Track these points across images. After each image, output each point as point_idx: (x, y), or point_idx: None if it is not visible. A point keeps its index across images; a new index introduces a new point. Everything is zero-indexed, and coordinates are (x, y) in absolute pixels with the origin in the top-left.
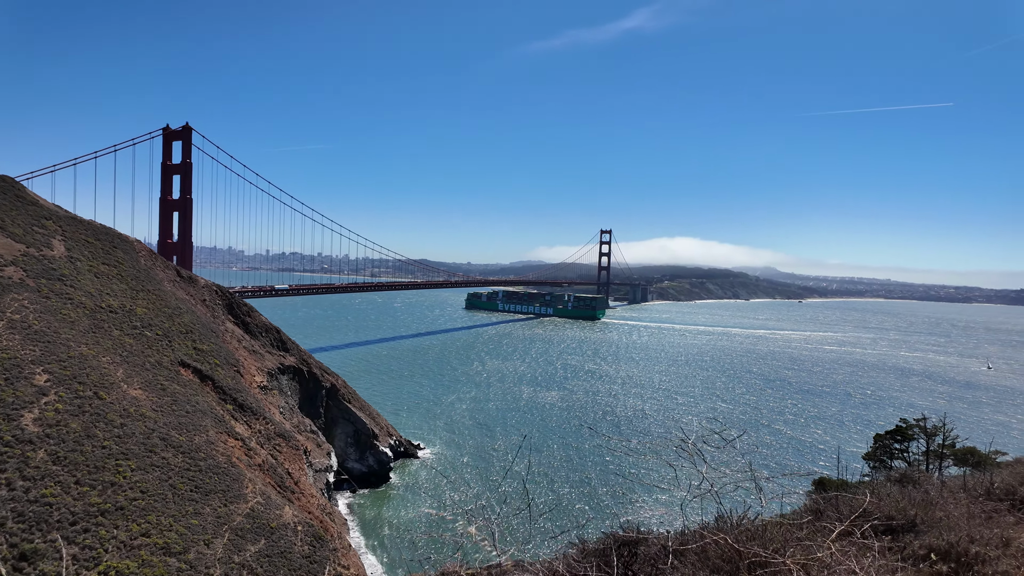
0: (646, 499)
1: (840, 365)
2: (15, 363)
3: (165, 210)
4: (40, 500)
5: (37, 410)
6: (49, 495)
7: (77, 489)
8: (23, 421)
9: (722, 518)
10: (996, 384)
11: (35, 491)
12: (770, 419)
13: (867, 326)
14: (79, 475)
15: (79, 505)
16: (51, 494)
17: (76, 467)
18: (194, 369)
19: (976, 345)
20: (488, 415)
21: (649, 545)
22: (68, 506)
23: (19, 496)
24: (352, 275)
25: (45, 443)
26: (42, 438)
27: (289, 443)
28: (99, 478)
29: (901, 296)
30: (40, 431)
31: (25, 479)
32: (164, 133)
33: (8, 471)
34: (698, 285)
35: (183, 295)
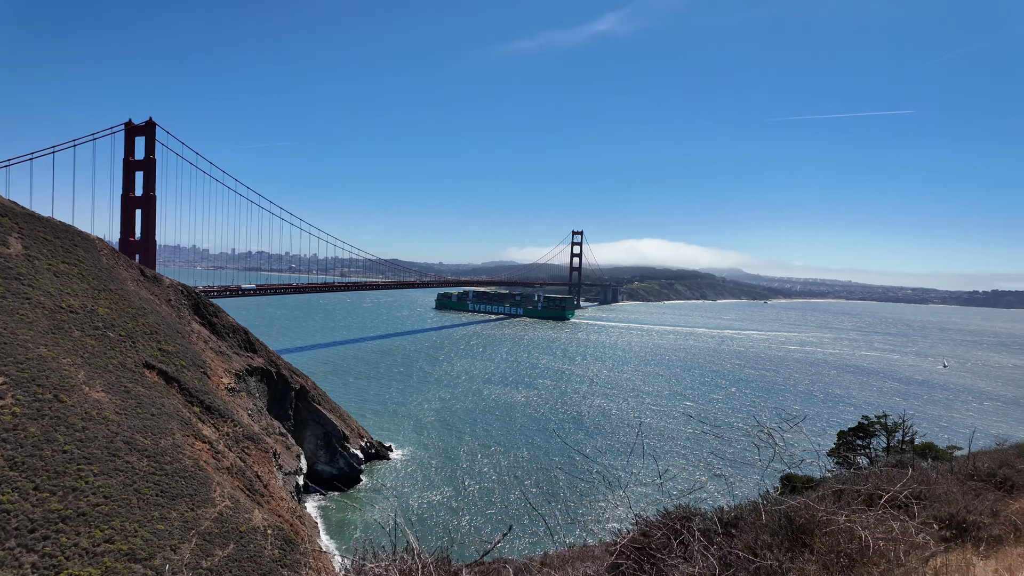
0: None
1: (803, 364)
2: None
3: (127, 207)
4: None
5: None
6: (6, 502)
7: (36, 495)
8: None
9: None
10: (951, 382)
11: None
12: (735, 417)
13: (829, 326)
14: (38, 481)
15: (38, 512)
16: (8, 501)
17: (35, 472)
18: (159, 371)
19: (931, 345)
20: (457, 415)
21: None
22: (27, 513)
23: None
24: (321, 275)
25: (2, 448)
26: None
27: (258, 446)
28: (60, 483)
29: (862, 297)
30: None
31: None
32: (126, 128)
33: None
34: (667, 286)
35: (147, 295)
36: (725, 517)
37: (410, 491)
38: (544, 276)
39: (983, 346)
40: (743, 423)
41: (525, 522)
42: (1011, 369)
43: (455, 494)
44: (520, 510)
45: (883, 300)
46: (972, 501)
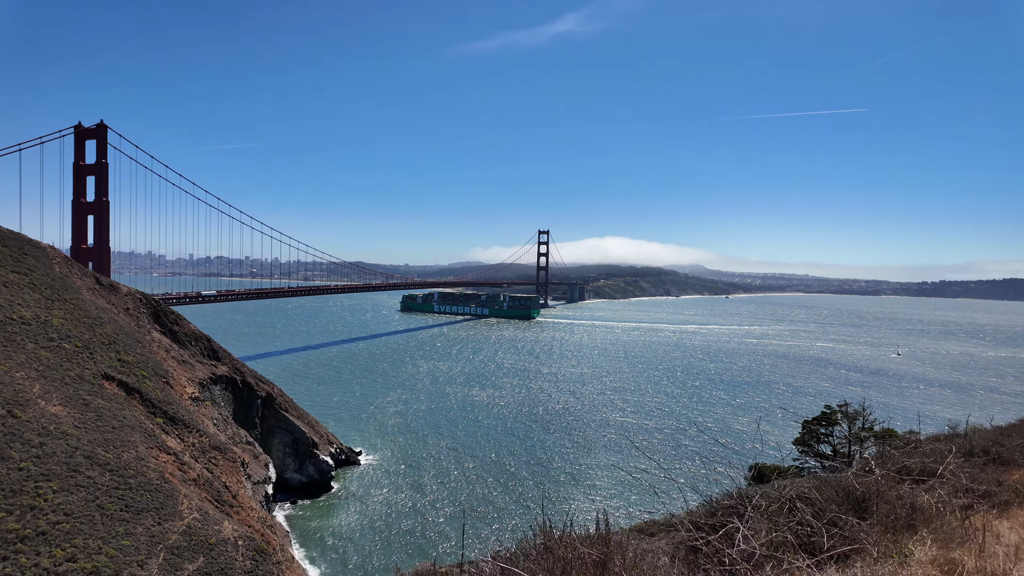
0: (583, 491)
1: (764, 357)
2: None
3: (79, 213)
4: None
5: None
6: None
7: None
8: None
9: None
10: (904, 371)
11: None
12: (700, 411)
13: (788, 319)
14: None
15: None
16: None
17: None
18: (119, 382)
19: (885, 335)
20: (423, 417)
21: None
22: None
23: None
24: (283, 279)
25: None
26: None
27: (225, 456)
28: (16, 502)
29: (818, 290)
30: None
31: None
32: (76, 131)
33: None
34: (632, 283)
35: (104, 304)
36: (784, 495)
37: (381, 496)
38: (511, 276)
39: (931, 335)
40: (707, 419)
41: (493, 518)
42: (956, 356)
43: (425, 497)
44: (488, 509)
45: (838, 292)
46: (979, 473)
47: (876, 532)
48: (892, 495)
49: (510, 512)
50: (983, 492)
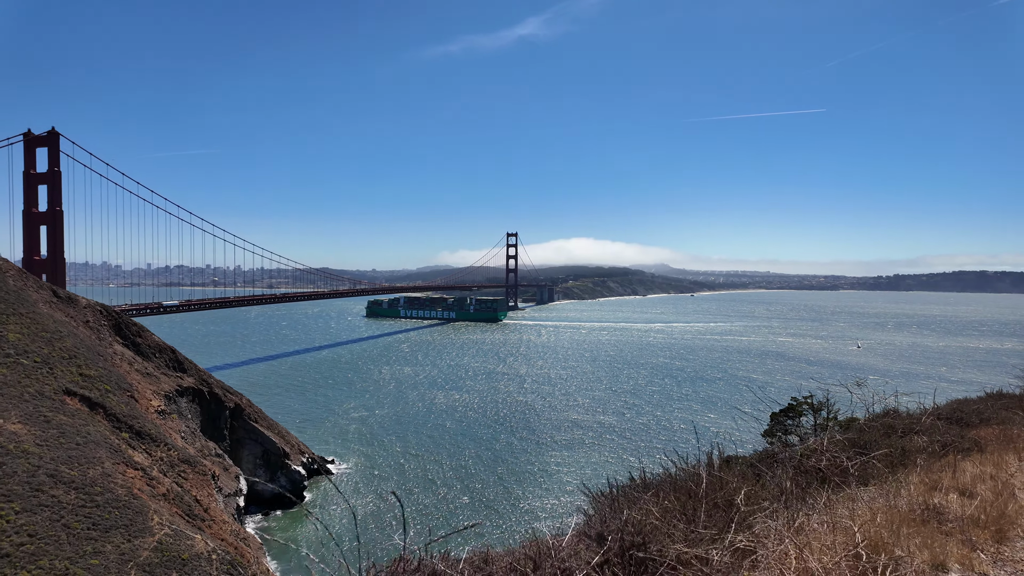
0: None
1: (729, 353)
2: None
3: (30, 224)
4: None
5: None
6: None
7: None
8: None
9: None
10: (864, 362)
11: None
12: (667, 406)
13: (752, 315)
14: None
15: None
16: None
17: None
18: (81, 397)
19: (844, 328)
20: (392, 423)
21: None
22: None
23: None
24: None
25: None
26: None
27: (195, 469)
28: None
29: (779, 286)
30: None
31: None
32: (25, 139)
33: None
34: (600, 284)
35: (62, 317)
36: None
37: (355, 504)
38: (480, 279)
39: (888, 328)
40: (674, 416)
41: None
42: (910, 347)
43: (397, 504)
44: (462, 509)
45: (799, 288)
46: (946, 431)
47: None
48: (886, 442)
49: (478, 514)
50: (951, 442)
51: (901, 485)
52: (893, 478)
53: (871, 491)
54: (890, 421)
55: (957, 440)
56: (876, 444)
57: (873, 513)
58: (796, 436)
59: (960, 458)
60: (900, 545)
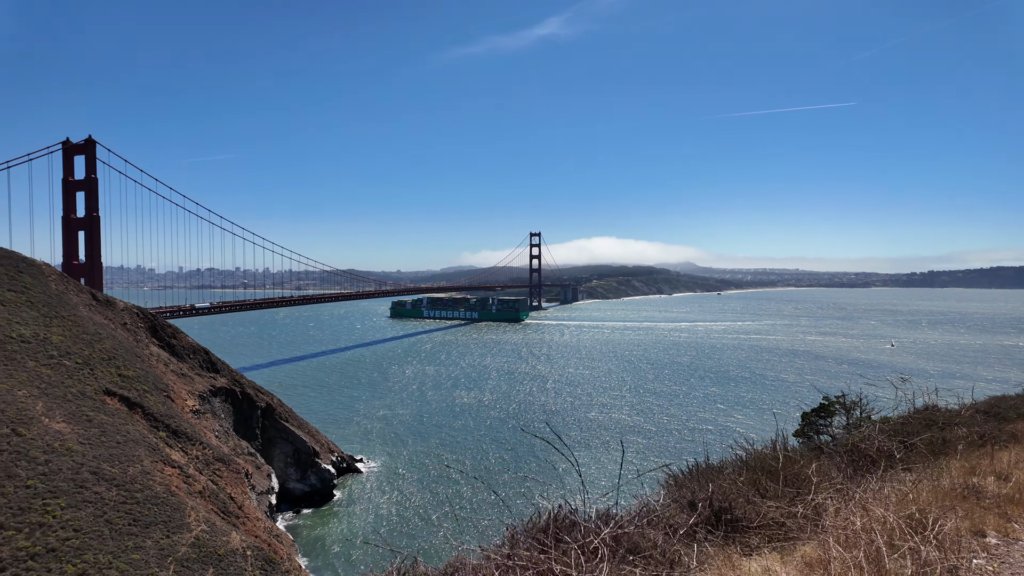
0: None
1: (758, 352)
2: None
3: (69, 229)
4: None
5: None
6: None
7: (1, 534)
8: None
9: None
10: (899, 362)
11: None
12: (697, 407)
13: (781, 314)
14: (2, 519)
15: (5, 551)
16: None
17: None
18: (121, 397)
19: (877, 326)
20: (416, 422)
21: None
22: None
23: None
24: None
25: None
26: None
27: (229, 467)
28: (26, 520)
29: (809, 284)
30: None
31: None
32: (64, 147)
33: None
34: (624, 283)
35: (101, 320)
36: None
37: (383, 502)
38: (504, 279)
39: (922, 326)
40: (704, 416)
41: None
42: (947, 346)
43: (425, 501)
44: (490, 509)
45: (829, 286)
46: (984, 424)
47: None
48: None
49: (504, 512)
50: (989, 433)
51: (943, 469)
52: (935, 463)
53: (915, 474)
54: (930, 415)
55: (995, 432)
56: (918, 434)
57: (919, 491)
58: (829, 436)
59: (997, 448)
60: (945, 515)
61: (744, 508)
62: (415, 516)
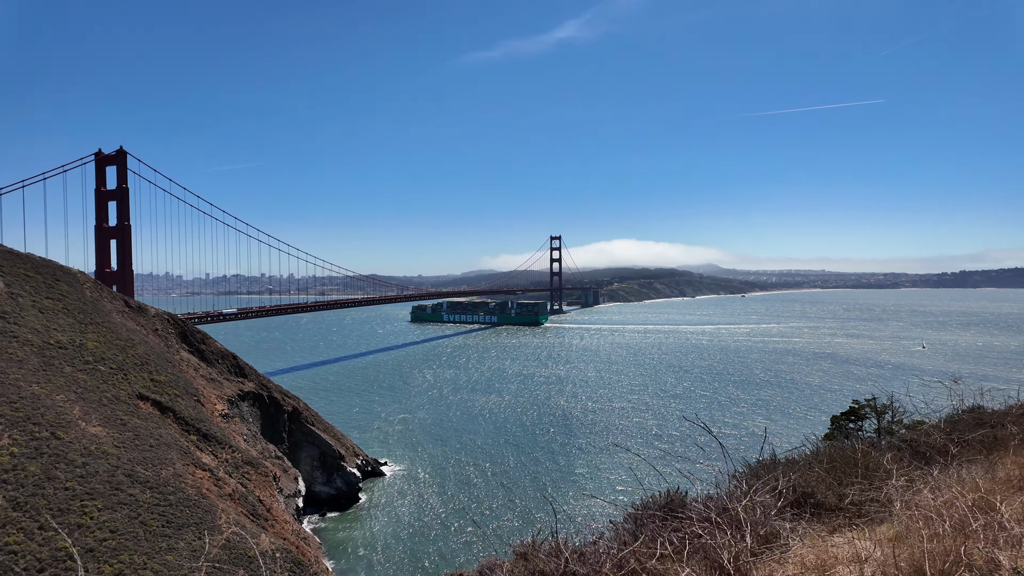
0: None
1: (784, 355)
2: None
3: (101, 238)
4: (3, 548)
5: None
6: (12, 543)
7: (42, 534)
8: None
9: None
10: (931, 364)
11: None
12: (723, 411)
13: (807, 316)
14: (43, 520)
15: (45, 551)
16: (14, 542)
17: (39, 512)
18: (153, 401)
19: (906, 327)
20: (438, 425)
21: None
22: (34, 553)
23: None
24: (299, 294)
25: (3, 489)
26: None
27: (258, 470)
28: (65, 521)
29: (836, 285)
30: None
31: None
32: (97, 158)
33: None
34: (646, 285)
35: (134, 326)
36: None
37: (408, 506)
38: (525, 283)
39: (952, 327)
40: (729, 419)
41: (516, 524)
42: (981, 348)
43: (450, 505)
44: (513, 514)
45: (856, 287)
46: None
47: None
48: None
49: (528, 517)
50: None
51: (996, 464)
52: (988, 459)
53: (971, 469)
54: (979, 415)
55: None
56: (971, 432)
57: (976, 482)
58: (860, 441)
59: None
60: (1011, 499)
61: (824, 493)
62: (440, 520)
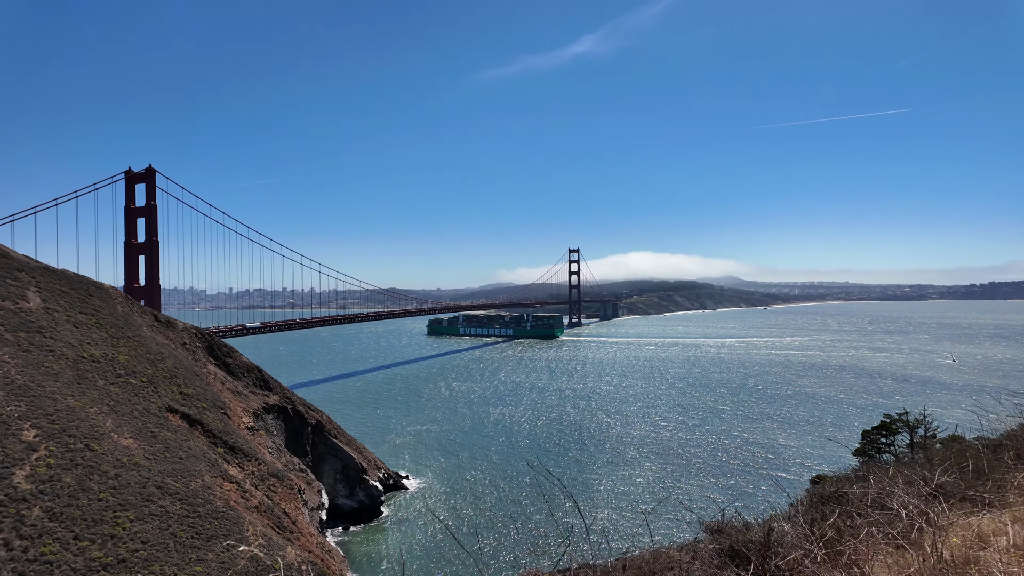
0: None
1: (809, 369)
2: (1, 420)
3: (130, 254)
4: (40, 559)
5: (28, 467)
6: (48, 553)
7: (76, 544)
8: (15, 479)
9: None
10: (962, 380)
11: (33, 550)
12: (749, 427)
13: (831, 329)
14: (77, 530)
15: (80, 561)
16: (50, 551)
17: (73, 522)
18: (182, 414)
19: (934, 339)
20: (457, 439)
21: None
22: (69, 563)
23: (18, 556)
24: (320, 308)
25: (39, 500)
26: (36, 495)
27: (283, 483)
28: (98, 531)
29: (860, 297)
30: (33, 488)
31: (22, 538)
32: (126, 176)
33: (4, 531)
34: (666, 298)
35: (163, 340)
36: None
37: (430, 520)
38: (543, 296)
39: (980, 340)
40: (754, 436)
41: (550, 541)
42: (1012, 362)
43: (472, 519)
44: (539, 530)
45: (881, 299)
46: None
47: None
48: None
49: (549, 531)
50: None
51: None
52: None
53: None
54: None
55: None
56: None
57: None
58: (891, 455)
59: None
60: None
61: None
62: (464, 535)
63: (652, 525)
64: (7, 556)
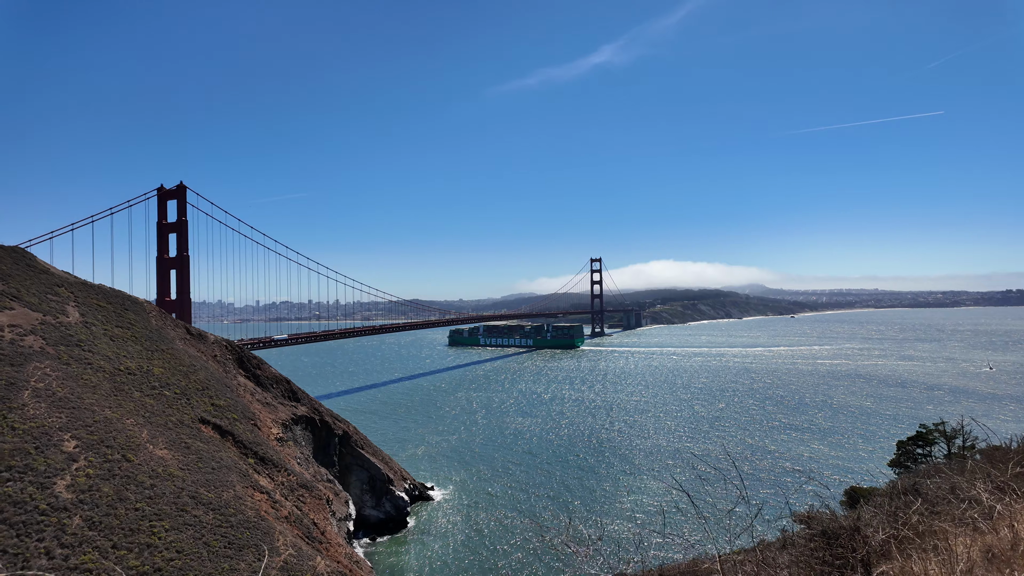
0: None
1: (840, 378)
2: (43, 431)
3: (162, 268)
4: (80, 567)
5: (69, 476)
6: (88, 561)
7: (115, 553)
8: (56, 488)
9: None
10: (1001, 390)
11: (74, 558)
12: (780, 438)
13: (861, 337)
14: (115, 539)
15: (118, 569)
16: (90, 560)
17: (112, 531)
18: (214, 425)
19: (970, 347)
20: (480, 449)
21: None
22: (108, 571)
23: (59, 564)
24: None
25: (80, 509)
26: (76, 504)
27: (312, 493)
28: (135, 540)
29: (890, 304)
30: (74, 497)
31: (63, 546)
32: (159, 193)
33: (46, 539)
34: (690, 307)
35: (195, 352)
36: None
37: (456, 531)
38: (564, 306)
39: (1019, 347)
40: (784, 446)
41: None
42: None
43: (498, 530)
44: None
45: (913, 306)
46: None
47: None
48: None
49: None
50: None
51: None
52: None
53: None
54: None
55: None
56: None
57: None
58: (927, 466)
59: None
60: None
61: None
62: (489, 547)
63: (680, 536)
64: (48, 565)
